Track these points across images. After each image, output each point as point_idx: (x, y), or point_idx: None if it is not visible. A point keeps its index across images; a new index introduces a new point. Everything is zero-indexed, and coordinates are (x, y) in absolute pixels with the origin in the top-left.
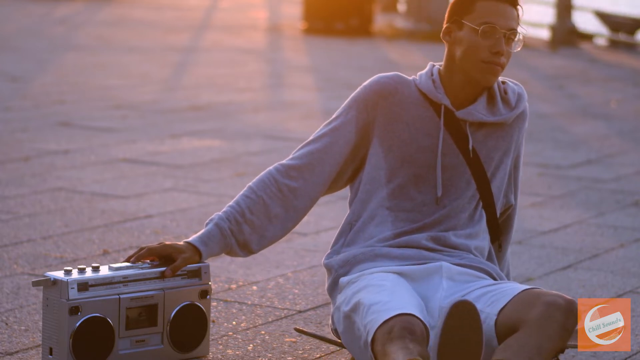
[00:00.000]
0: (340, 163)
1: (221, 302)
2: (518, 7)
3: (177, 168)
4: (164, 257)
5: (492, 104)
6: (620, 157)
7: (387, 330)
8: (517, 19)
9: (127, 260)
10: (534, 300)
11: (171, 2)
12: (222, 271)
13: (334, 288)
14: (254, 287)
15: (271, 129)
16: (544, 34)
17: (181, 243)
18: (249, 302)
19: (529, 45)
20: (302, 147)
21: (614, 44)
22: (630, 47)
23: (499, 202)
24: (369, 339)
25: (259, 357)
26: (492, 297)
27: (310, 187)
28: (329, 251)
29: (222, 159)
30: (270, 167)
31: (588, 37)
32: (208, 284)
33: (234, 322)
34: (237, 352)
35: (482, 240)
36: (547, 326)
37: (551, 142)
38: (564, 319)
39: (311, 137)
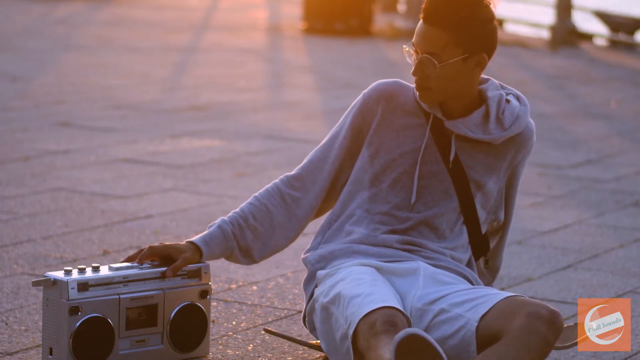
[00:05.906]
0: (336, 169)
1: (221, 302)
2: (444, 28)
3: (177, 168)
4: (164, 257)
5: (485, 122)
6: (620, 157)
7: (370, 324)
8: (437, 41)
9: (128, 261)
10: (516, 310)
11: (171, 2)
12: (222, 271)
13: (309, 282)
14: (254, 287)
15: (271, 129)
16: (544, 34)
17: (182, 243)
18: (249, 302)
19: (529, 45)
20: (307, 157)
21: (614, 44)
22: (630, 47)
23: (483, 218)
24: (350, 332)
25: (259, 357)
26: (474, 302)
27: (312, 195)
28: (307, 248)
29: (222, 159)
30: (277, 179)
31: (588, 37)
32: (208, 284)
33: (234, 322)
34: (237, 352)
35: (461, 254)
36: (528, 338)
37: (551, 142)
38: (546, 331)
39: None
